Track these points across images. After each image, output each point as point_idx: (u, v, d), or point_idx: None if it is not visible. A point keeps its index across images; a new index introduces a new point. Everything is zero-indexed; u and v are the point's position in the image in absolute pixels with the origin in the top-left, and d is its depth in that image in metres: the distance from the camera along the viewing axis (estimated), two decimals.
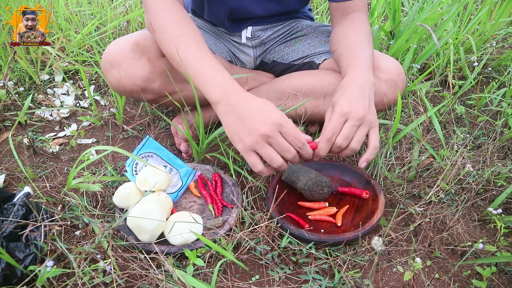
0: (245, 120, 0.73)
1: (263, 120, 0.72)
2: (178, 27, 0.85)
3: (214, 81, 0.78)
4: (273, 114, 0.72)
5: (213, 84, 0.78)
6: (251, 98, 0.76)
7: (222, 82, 0.78)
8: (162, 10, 0.86)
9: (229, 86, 0.78)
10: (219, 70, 0.80)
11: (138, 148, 0.96)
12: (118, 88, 0.97)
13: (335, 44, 0.98)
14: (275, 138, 0.72)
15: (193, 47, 0.82)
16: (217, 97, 0.77)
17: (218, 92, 0.77)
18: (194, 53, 0.81)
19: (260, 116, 0.72)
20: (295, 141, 0.73)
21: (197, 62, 0.80)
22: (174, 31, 0.84)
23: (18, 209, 0.78)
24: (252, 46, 1.15)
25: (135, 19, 1.80)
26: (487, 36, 1.60)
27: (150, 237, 0.79)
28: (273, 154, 0.73)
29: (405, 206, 0.94)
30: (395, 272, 0.79)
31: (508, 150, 1.11)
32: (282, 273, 0.78)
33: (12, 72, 1.45)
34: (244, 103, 0.75)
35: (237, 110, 0.74)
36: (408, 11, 1.59)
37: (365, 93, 0.81)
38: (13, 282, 0.70)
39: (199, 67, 0.80)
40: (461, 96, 1.40)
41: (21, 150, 1.15)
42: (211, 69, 0.79)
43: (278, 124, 0.72)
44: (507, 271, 0.79)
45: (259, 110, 0.73)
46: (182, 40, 0.83)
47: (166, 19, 0.85)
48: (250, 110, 0.73)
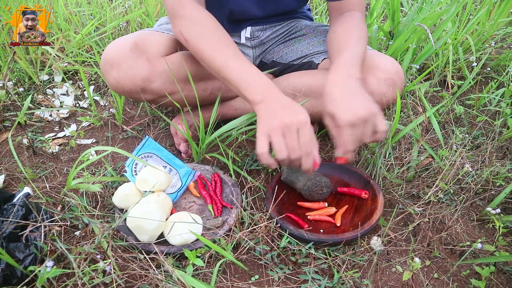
0: (276, 111, 0.80)
1: (289, 114, 0.78)
2: (214, 36, 0.89)
3: (256, 84, 0.84)
4: (301, 115, 0.78)
5: (255, 87, 0.83)
6: (287, 99, 0.82)
7: (263, 86, 0.83)
8: (195, 19, 0.90)
9: (270, 89, 0.83)
10: (259, 74, 0.85)
11: (138, 148, 0.96)
12: (118, 89, 0.97)
13: (328, 44, 1.00)
14: (291, 132, 0.77)
15: (231, 54, 0.87)
16: (260, 98, 0.82)
17: (260, 95, 0.82)
18: (234, 60, 0.86)
19: (289, 111, 0.79)
20: (306, 145, 0.78)
21: (239, 68, 0.85)
22: (211, 39, 0.88)
23: (18, 210, 0.78)
24: (251, 46, 1.15)
25: (134, 19, 1.80)
26: (486, 36, 1.61)
27: (150, 238, 0.79)
28: (283, 145, 0.77)
29: (404, 206, 0.94)
30: (394, 272, 0.80)
31: (507, 150, 1.11)
32: (282, 273, 0.78)
33: (11, 73, 1.45)
34: (280, 102, 0.81)
35: (273, 108, 0.80)
36: (407, 11, 1.59)
37: (354, 91, 0.82)
38: (13, 283, 0.70)
39: (241, 72, 0.85)
40: (460, 96, 1.40)
41: (21, 150, 1.15)
42: (252, 74, 0.85)
43: (301, 123, 0.77)
44: (505, 270, 0.80)
45: (291, 108, 0.80)
46: (220, 48, 0.87)
47: (201, 30, 0.89)
48: (283, 106, 0.80)
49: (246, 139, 1.17)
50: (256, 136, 0.80)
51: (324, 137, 1.18)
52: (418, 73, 1.46)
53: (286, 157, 0.78)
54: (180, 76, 0.98)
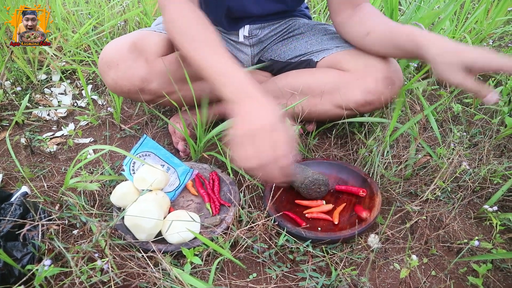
0: (249, 115, 0.76)
1: (261, 117, 0.74)
2: (198, 32, 0.86)
3: (233, 84, 0.80)
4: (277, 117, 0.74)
5: (230, 85, 0.80)
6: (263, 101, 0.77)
7: (239, 83, 0.80)
8: (179, 15, 0.88)
9: (247, 89, 0.79)
10: (239, 73, 0.81)
11: (136, 147, 0.96)
12: (116, 89, 0.97)
13: (364, 29, 0.97)
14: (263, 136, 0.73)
15: (213, 51, 0.84)
16: (234, 97, 0.79)
17: (235, 93, 0.79)
18: (215, 57, 0.83)
19: (261, 114, 0.75)
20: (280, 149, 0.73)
21: (216, 65, 0.82)
22: (194, 35, 0.86)
23: (16, 209, 0.78)
24: (250, 44, 1.15)
25: (132, 18, 1.80)
26: (483, 35, 1.61)
27: (148, 236, 0.79)
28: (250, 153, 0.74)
29: (401, 204, 0.94)
30: (392, 269, 0.80)
31: (504, 148, 1.11)
32: (279, 271, 0.78)
33: (9, 72, 1.45)
34: (255, 106, 0.77)
35: (246, 110, 0.77)
36: (405, 10, 1.59)
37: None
38: (10, 282, 0.70)
39: (220, 70, 0.81)
40: (458, 94, 1.41)
41: (19, 149, 1.15)
42: (231, 73, 0.81)
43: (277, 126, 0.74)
44: (502, 268, 0.80)
45: (264, 111, 0.76)
46: (202, 45, 0.85)
47: (186, 25, 0.87)
48: (256, 110, 0.76)
49: None
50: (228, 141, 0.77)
51: (322, 135, 1.18)
52: (416, 72, 1.46)
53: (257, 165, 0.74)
54: (178, 76, 0.98)
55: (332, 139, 1.15)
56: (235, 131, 0.76)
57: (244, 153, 0.75)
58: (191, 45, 0.85)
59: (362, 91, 0.97)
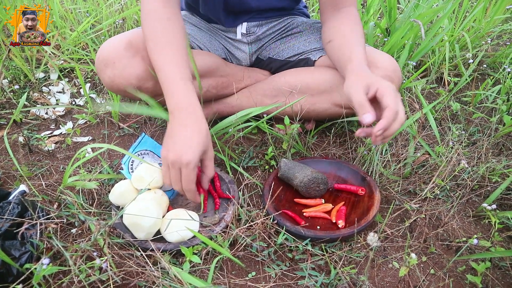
0: (171, 139, 0.82)
1: (177, 150, 0.80)
2: (160, 30, 0.88)
3: (172, 95, 0.84)
4: (186, 156, 0.79)
5: (170, 97, 0.84)
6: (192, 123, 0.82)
7: (179, 98, 0.83)
8: (148, 10, 0.89)
9: (184, 102, 0.83)
10: (183, 87, 0.84)
11: (134, 145, 0.96)
12: (113, 87, 0.97)
13: (329, 35, 0.99)
14: (174, 169, 0.81)
15: (168, 53, 0.86)
16: (171, 109, 0.84)
17: (172, 106, 0.83)
18: (167, 60, 0.86)
19: (179, 145, 0.80)
20: (186, 183, 0.81)
21: (166, 71, 0.85)
22: (156, 33, 0.88)
23: (14, 207, 0.78)
24: (248, 42, 1.15)
25: (130, 16, 1.80)
26: (482, 33, 1.61)
27: (147, 235, 0.79)
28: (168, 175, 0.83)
29: (400, 203, 0.94)
30: (391, 268, 0.80)
31: (503, 146, 1.11)
32: (279, 269, 0.78)
33: (7, 70, 1.44)
34: (183, 127, 0.82)
35: (175, 129, 0.82)
36: (404, 8, 1.59)
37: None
38: (9, 280, 0.70)
39: (170, 80, 0.85)
40: (456, 93, 1.41)
41: (17, 148, 1.15)
42: (178, 85, 0.84)
43: (183, 164, 0.79)
44: (501, 266, 0.80)
45: (185, 141, 0.81)
46: (160, 45, 0.87)
47: (150, 20, 0.89)
48: (181, 135, 0.81)
49: (243, 136, 1.17)
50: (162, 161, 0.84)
51: (321, 133, 1.18)
52: (414, 70, 1.46)
53: (178, 189, 0.83)
54: None
55: (331, 138, 1.15)
56: (162, 151, 0.83)
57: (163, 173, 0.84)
58: (154, 46, 0.87)
59: None
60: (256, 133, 1.19)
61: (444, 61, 1.45)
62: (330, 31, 1.00)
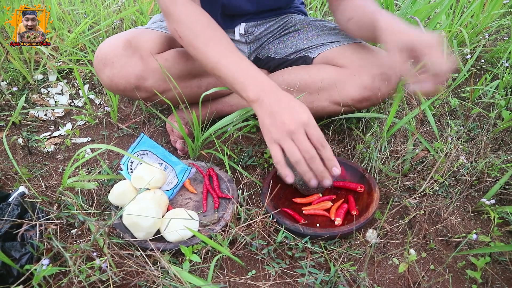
0: (276, 115, 0.77)
1: (292, 117, 0.76)
2: (208, 31, 0.88)
3: (252, 81, 0.81)
4: (302, 115, 0.77)
5: (249, 85, 0.81)
6: (285, 96, 0.80)
7: (259, 82, 0.82)
8: (187, 16, 0.88)
9: (266, 85, 0.81)
10: (254, 70, 0.84)
11: (133, 146, 0.96)
12: (111, 87, 0.97)
13: (347, 15, 0.99)
14: (298, 135, 0.76)
15: (226, 50, 0.86)
16: (255, 96, 0.80)
17: (255, 92, 0.80)
18: (227, 57, 0.85)
19: (290, 113, 0.77)
20: (317, 143, 0.77)
21: (234, 65, 0.84)
22: (204, 35, 0.87)
23: (13, 209, 0.78)
24: (246, 42, 1.15)
25: (128, 17, 1.80)
26: (480, 28, 1.61)
27: (146, 235, 0.79)
28: (294, 148, 0.77)
29: (399, 199, 0.95)
30: (391, 264, 0.80)
31: (502, 141, 1.11)
32: (278, 267, 0.78)
33: (5, 72, 1.45)
34: (278, 101, 0.79)
35: (271, 107, 0.79)
36: (400, 4, 1.59)
37: None
38: (9, 282, 0.70)
39: (236, 69, 0.83)
40: (455, 88, 1.41)
41: (16, 150, 1.15)
42: (247, 70, 0.83)
43: (305, 124, 0.77)
44: (501, 260, 0.80)
45: (290, 108, 0.77)
46: (214, 44, 0.86)
47: (195, 25, 0.88)
48: (282, 107, 0.78)
49: (242, 135, 1.17)
50: (267, 145, 0.80)
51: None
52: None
53: (299, 158, 0.77)
54: (174, 74, 0.98)
55: (330, 135, 1.15)
56: (272, 134, 0.78)
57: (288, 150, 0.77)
58: (203, 45, 0.86)
59: (359, 87, 0.96)
60: (255, 132, 1.19)
61: None
62: (346, 11, 1.00)
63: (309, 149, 0.76)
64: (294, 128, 0.76)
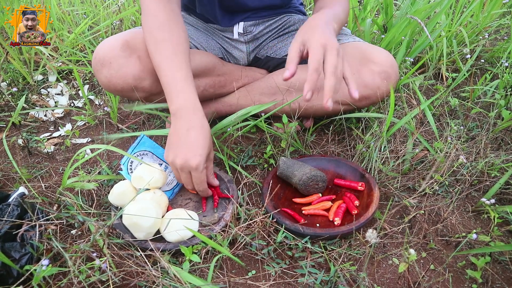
0: (178, 145, 0.83)
1: (184, 154, 0.82)
2: (161, 31, 0.88)
3: (178, 95, 0.85)
4: (193, 159, 0.82)
5: (176, 98, 0.85)
6: (197, 126, 0.83)
7: (184, 99, 0.84)
8: (149, 11, 0.90)
9: (189, 104, 0.84)
10: (188, 85, 0.86)
11: (133, 146, 0.96)
12: (109, 87, 0.97)
13: (313, 13, 1.02)
14: (183, 173, 0.84)
15: (171, 54, 0.87)
16: (174, 111, 0.85)
17: (176, 107, 0.84)
18: (171, 61, 0.87)
19: (185, 152, 0.82)
20: (198, 185, 0.86)
21: (171, 72, 0.86)
22: (157, 34, 0.88)
23: (13, 209, 0.78)
24: (245, 41, 1.15)
25: (128, 17, 1.80)
26: (479, 28, 1.61)
27: (146, 235, 0.79)
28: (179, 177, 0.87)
29: (399, 199, 0.94)
30: (391, 264, 0.80)
31: (502, 141, 1.11)
32: (278, 267, 0.78)
33: (5, 73, 1.45)
34: (186, 130, 0.83)
35: (179, 132, 0.84)
36: (400, 4, 1.59)
37: (332, 32, 0.84)
38: (9, 282, 0.70)
39: (172, 78, 0.86)
40: (454, 88, 1.41)
41: (16, 150, 1.15)
42: (180, 82, 0.85)
43: (192, 168, 0.82)
44: (501, 260, 0.80)
45: (190, 145, 0.82)
46: (161, 45, 0.87)
47: (151, 22, 0.89)
48: (185, 140, 0.83)
49: (241, 135, 1.17)
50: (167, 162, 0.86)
51: (319, 131, 1.18)
52: (412, 66, 1.46)
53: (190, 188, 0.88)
54: None
55: (330, 135, 1.15)
56: (168, 156, 0.85)
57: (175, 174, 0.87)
58: (153, 44, 0.88)
59: (359, 86, 0.96)
60: (254, 132, 1.19)
61: (441, 57, 1.44)
62: (315, 7, 1.04)
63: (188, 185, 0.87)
64: (180, 168, 0.83)
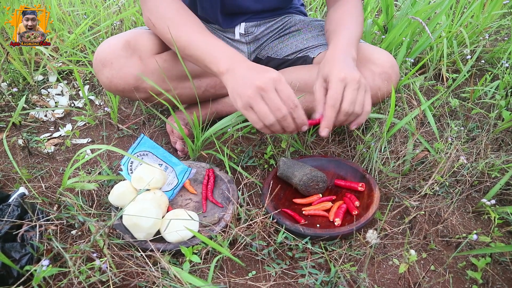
0: (246, 79, 0.76)
1: (261, 76, 0.75)
2: (178, 15, 0.89)
3: (221, 55, 0.82)
4: (270, 73, 0.76)
5: (221, 58, 0.82)
6: (256, 65, 0.80)
7: (228, 55, 0.82)
8: (158, 4, 0.90)
9: (236, 57, 0.82)
10: (224, 45, 0.85)
11: (133, 146, 0.96)
12: (110, 88, 0.97)
13: (327, 24, 1.02)
14: (269, 93, 0.75)
15: (196, 30, 0.87)
16: (226, 67, 0.80)
17: (226, 64, 0.81)
18: (199, 35, 0.86)
19: (259, 73, 0.76)
20: (288, 100, 0.76)
21: (203, 41, 0.85)
22: (175, 19, 0.88)
23: (13, 210, 0.78)
24: (246, 42, 1.15)
25: (128, 18, 1.80)
26: (480, 29, 1.61)
27: (146, 235, 0.79)
28: (265, 110, 0.76)
29: (400, 200, 0.94)
30: (391, 265, 0.80)
31: (502, 142, 1.11)
32: (279, 268, 0.78)
33: (5, 73, 1.45)
34: (248, 69, 0.78)
35: (242, 74, 0.78)
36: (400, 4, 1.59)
37: (351, 63, 0.84)
38: (9, 283, 0.70)
39: (206, 45, 0.84)
40: (455, 89, 1.41)
41: (16, 151, 1.15)
42: (217, 46, 0.84)
43: (274, 80, 0.75)
44: (501, 261, 0.80)
45: (260, 70, 0.77)
46: (185, 26, 0.87)
47: (166, 10, 0.89)
48: (252, 71, 0.77)
49: (242, 135, 1.17)
50: (241, 112, 0.79)
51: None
52: (412, 67, 1.46)
53: (273, 121, 0.76)
54: (173, 74, 0.98)
55: (330, 136, 1.15)
56: (242, 97, 0.76)
57: (260, 112, 0.76)
58: (175, 28, 0.87)
59: None
60: (255, 132, 1.19)
61: (442, 57, 1.44)
62: (328, 19, 1.03)
63: (280, 107, 0.75)
64: (264, 84, 0.74)
